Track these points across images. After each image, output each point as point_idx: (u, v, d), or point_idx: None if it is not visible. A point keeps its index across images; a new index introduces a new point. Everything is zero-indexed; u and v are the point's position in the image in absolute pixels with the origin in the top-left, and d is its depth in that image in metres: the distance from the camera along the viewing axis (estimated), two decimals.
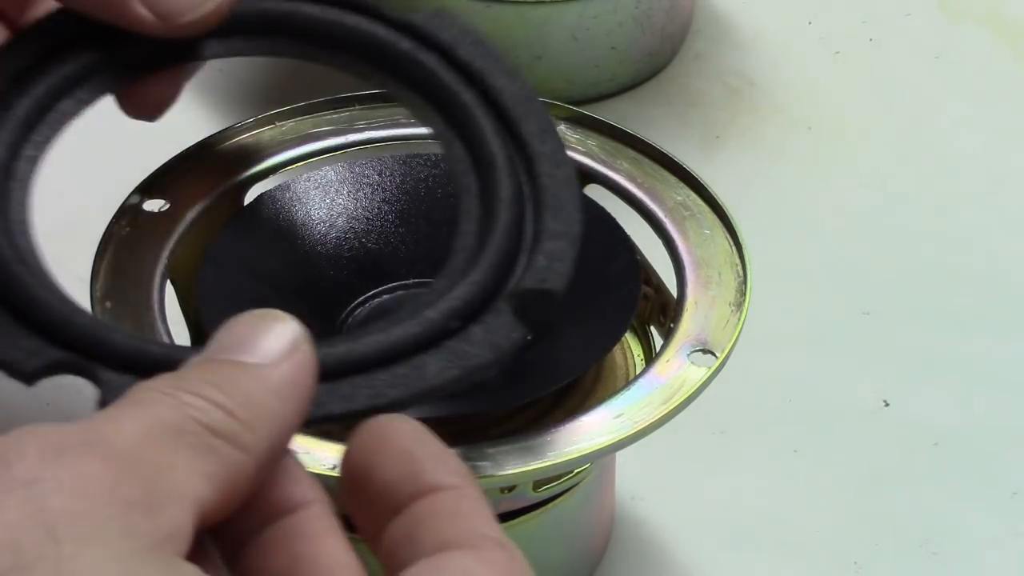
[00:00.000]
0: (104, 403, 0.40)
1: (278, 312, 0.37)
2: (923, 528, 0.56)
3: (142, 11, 0.46)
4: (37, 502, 0.33)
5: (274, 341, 0.37)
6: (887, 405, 0.59)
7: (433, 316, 0.41)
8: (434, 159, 0.54)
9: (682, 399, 0.47)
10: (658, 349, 0.50)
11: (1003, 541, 0.55)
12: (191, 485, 0.34)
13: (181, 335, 0.51)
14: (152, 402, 0.35)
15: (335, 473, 0.40)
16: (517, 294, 0.43)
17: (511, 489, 0.48)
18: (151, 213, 0.51)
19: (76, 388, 0.58)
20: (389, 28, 0.48)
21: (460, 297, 0.42)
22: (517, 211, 0.45)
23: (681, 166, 0.54)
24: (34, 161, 0.45)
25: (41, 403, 0.58)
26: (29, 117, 0.45)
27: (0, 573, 0.31)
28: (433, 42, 0.48)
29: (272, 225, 0.52)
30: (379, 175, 0.54)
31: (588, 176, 0.54)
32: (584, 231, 0.46)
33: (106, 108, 0.48)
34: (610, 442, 0.46)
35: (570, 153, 0.54)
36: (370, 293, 0.52)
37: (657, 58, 0.72)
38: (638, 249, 0.52)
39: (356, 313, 0.52)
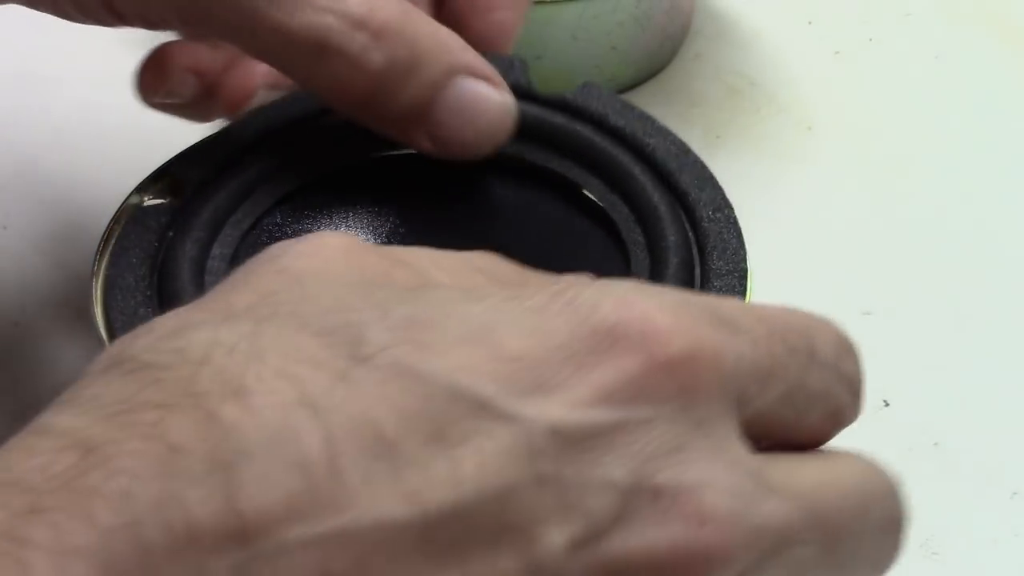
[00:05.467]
0: None
1: None
2: (923, 528, 0.55)
3: (425, 144, 0.48)
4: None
5: None
6: (887, 405, 0.59)
7: None
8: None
9: None
10: None
11: (1003, 541, 0.55)
12: None
13: None
14: None
15: None
16: None
17: None
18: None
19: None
20: (542, 106, 0.52)
21: None
22: (685, 255, 0.47)
23: None
24: (226, 258, 0.48)
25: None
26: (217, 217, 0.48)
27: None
28: (585, 114, 0.51)
29: None
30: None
31: None
32: (583, 232, 0.46)
33: (107, 108, 0.48)
34: None
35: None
36: None
37: (657, 58, 0.72)
38: None
39: None
